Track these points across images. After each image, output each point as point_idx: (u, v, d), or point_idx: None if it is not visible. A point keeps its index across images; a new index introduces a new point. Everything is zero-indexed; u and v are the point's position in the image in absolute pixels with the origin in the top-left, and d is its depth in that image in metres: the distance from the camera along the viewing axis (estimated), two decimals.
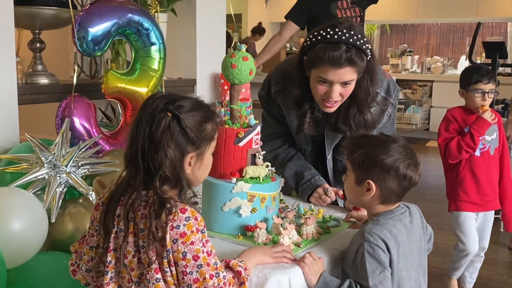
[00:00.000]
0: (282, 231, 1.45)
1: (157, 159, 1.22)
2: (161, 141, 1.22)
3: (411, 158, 1.44)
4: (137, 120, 1.26)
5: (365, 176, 1.44)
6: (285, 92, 1.94)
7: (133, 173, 1.25)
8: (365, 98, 1.81)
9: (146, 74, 2.48)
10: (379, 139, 1.49)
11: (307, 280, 1.36)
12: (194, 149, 1.27)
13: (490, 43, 5.30)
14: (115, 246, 1.27)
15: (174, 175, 1.25)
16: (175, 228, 1.19)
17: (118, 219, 1.27)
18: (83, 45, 2.23)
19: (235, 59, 1.54)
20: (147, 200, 1.24)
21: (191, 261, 1.19)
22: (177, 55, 3.24)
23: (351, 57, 1.67)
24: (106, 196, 1.32)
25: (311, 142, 2.03)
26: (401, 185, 1.43)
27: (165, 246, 1.19)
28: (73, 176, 1.97)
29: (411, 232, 1.47)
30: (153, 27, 2.45)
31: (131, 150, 1.25)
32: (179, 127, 1.24)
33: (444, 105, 7.84)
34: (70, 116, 2.21)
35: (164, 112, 1.25)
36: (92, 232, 1.35)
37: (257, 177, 1.55)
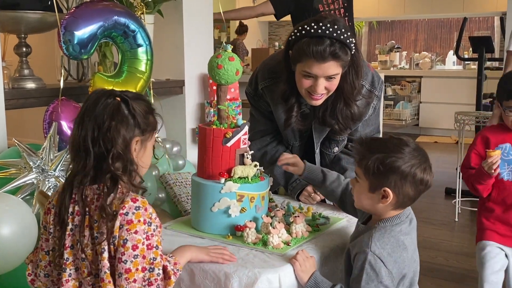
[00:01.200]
0: (271, 230, 1.46)
1: (109, 138, 1.26)
2: (111, 122, 1.26)
3: (426, 161, 1.41)
4: (83, 111, 1.30)
5: (381, 183, 1.39)
6: (272, 88, 1.95)
7: (82, 162, 1.28)
8: (351, 91, 1.82)
9: (134, 76, 2.47)
10: (391, 143, 1.43)
11: (298, 278, 1.36)
12: (140, 134, 1.32)
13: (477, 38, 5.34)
14: (72, 243, 1.29)
15: (125, 153, 1.28)
16: (124, 215, 1.22)
17: (71, 216, 1.29)
18: (69, 48, 2.22)
19: (221, 60, 1.54)
20: (99, 193, 1.26)
21: (129, 250, 1.20)
22: (165, 57, 3.23)
23: (335, 51, 1.68)
24: (55, 199, 1.34)
25: (298, 137, 2.04)
26: (418, 190, 1.40)
27: (113, 233, 1.22)
28: (61, 180, 1.96)
29: (413, 230, 1.48)
30: (140, 28, 2.44)
31: (78, 139, 1.28)
32: (127, 110, 1.29)
33: (433, 100, 7.92)
34: (58, 120, 2.20)
35: (112, 97, 1.30)
36: (46, 236, 1.36)
37: (246, 177, 1.55)
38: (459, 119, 4.16)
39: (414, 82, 8.20)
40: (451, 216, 4.22)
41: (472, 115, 4.23)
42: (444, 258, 3.42)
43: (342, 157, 2.05)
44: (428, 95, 8.00)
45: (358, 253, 1.37)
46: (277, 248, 1.44)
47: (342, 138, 2.03)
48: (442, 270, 3.22)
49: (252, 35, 9.13)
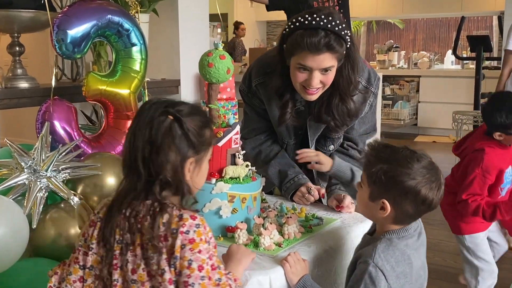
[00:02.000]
0: (262, 231, 1.44)
1: (158, 163, 1.19)
2: (162, 145, 1.19)
3: (435, 181, 1.33)
4: (134, 126, 1.22)
5: (381, 194, 1.34)
6: (266, 84, 1.92)
7: (133, 181, 1.21)
8: (347, 86, 1.80)
9: (128, 76, 2.45)
10: (401, 155, 1.35)
11: (288, 280, 1.34)
12: (194, 154, 1.23)
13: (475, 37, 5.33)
14: (121, 263, 1.20)
15: (175, 180, 1.21)
16: (184, 234, 1.14)
17: (122, 232, 1.20)
18: (62, 47, 2.20)
19: (212, 58, 1.52)
20: (153, 210, 1.19)
21: (195, 271, 1.13)
22: (160, 56, 3.21)
23: (329, 43, 1.65)
24: (103, 211, 1.25)
25: (293, 136, 2.01)
26: (418, 209, 1.34)
27: (174, 253, 1.14)
28: (53, 181, 1.94)
29: (422, 245, 1.42)
30: (134, 27, 2.42)
31: (130, 157, 1.21)
32: (181, 131, 1.21)
33: (431, 100, 7.91)
34: (50, 119, 2.18)
35: (165, 115, 1.21)
36: (85, 250, 1.27)
37: (237, 177, 1.53)
38: (456, 119, 4.15)
39: (413, 81, 8.18)
40: None
41: (470, 115, 4.22)
42: (441, 259, 3.41)
43: (337, 157, 2.03)
44: (427, 95, 7.99)
45: (360, 262, 1.33)
46: (269, 250, 1.42)
47: (338, 136, 2.01)
48: (439, 271, 3.21)
49: (250, 34, 9.12)
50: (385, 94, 7.97)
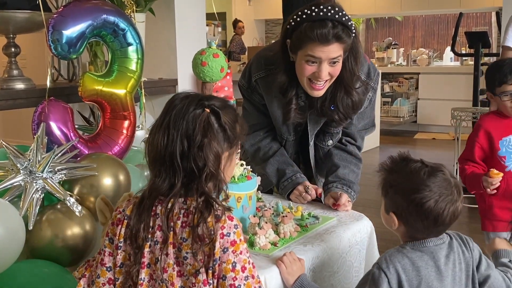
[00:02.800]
0: (257, 230, 1.43)
1: (202, 156, 1.15)
2: (204, 139, 1.15)
3: (442, 196, 1.27)
4: (165, 121, 1.18)
5: (389, 207, 1.31)
6: (268, 79, 1.91)
7: (169, 177, 1.17)
8: (350, 78, 1.80)
9: (124, 76, 2.44)
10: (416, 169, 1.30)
11: (284, 280, 1.34)
12: (228, 147, 1.22)
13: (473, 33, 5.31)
14: (149, 261, 1.18)
15: (218, 171, 1.18)
16: (225, 236, 1.12)
17: (151, 231, 1.18)
18: (57, 48, 2.20)
19: (205, 56, 1.51)
20: (186, 208, 1.16)
21: (239, 273, 1.12)
22: (158, 55, 3.21)
23: (338, 33, 1.66)
24: (129, 209, 1.22)
25: (293, 132, 2.01)
26: (424, 224, 1.28)
27: (213, 256, 1.12)
28: (49, 182, 1.93)
29: (446, 268, 1.30)
30: (129, 27, 2.42)
31: (164, 153, 1.17)
32: (218, 124, 1.19)
33: (430, 97, 7.90)
34: (46, 120, 2.17)
35: (201, 108, 1.18)
36: (110, 250, 1.24)
37: (232, 177, 1.52)
38: (455, 115, 4.14)
39: (412, 78, 8.18)
40: None
41: (469, 111, 4.21)
42: None
43: (335, 153, 2.02)
44: (426, 92, 7.98)
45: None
46: (264, 249, 1.41)
47: (336, 130, 2.00)
48: None
49: (249, 33, 9.11)
50: (384, 91, 7.96)
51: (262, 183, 2.07)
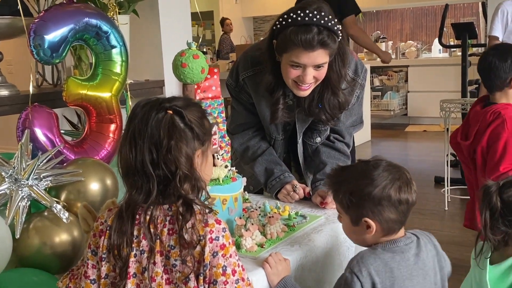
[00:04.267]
0: (244, 232, 1.42)
1: (172, 160, 1.13)
2: (170, 141, 1.13)
3: (399, 178, 1.31)
4: (130, 132, 1.17)
5: (359, 215, 1.31)
6: (255, 78, 1.90)
7: (144, 186, 1.15)
8: (337, 80, 1.79)
9: (109, 79, 2.42)
10: (358, 169, 1.35)
11: (269, 281, 1.32)
12: (200, 145, 1.20)
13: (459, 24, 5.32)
14: (135, 271, 1.16)
15: (191, 172, 1.16)
16: (214, 240, 1.11)
17: (136, 240, 1.16)
18: (39, 53, 2.18)
19: (185, 58, 1.50)
20: (172, 215, 1.14)
21: (230, 276, 1.11)
22: (143, 57, 3.19)
23: (323, 39, 1.64)
24: (111, 219, 1.20)
25: (281, 131, 2.00)
26: (399, 211, 1.30)
27: (203, 261, 1.10)
28: (35, 189, 1.91)
29: (417, 266, 1.33)
30: (112, 29, 2.40)
31: (133, 163, 1.15)
32: (183, 123, 1.17)
33: (420, 89, 7.91)
34: (30, 127, 2.15)
35: (163, 111, 1.16)
36: (94, 263, 1.22)
37: (217, 179, 1.51)
38: (444, 107, 4.14)
39: (401, 71, 8.18)
40: (440, 205, 4.20)
41: (458, 103, 4.21)
42: None
43: (323, 150, 2.01)
44: (416, 84, 7.99)
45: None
46: (250, 252, 1.40)
47: (324, 128, 1.99)
48: None
49: (236, 31, 9.09)
50: (374, 85, 7.96)
51: (252, 183, 2.06)
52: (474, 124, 2.27)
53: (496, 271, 1.45)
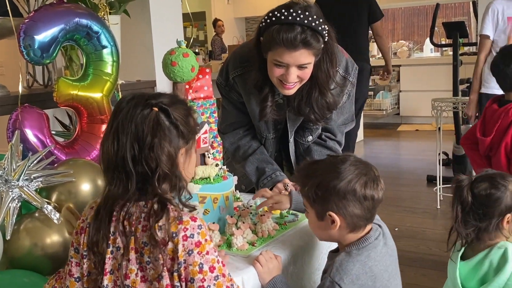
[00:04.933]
0: (235, 231, 1.41)
1: (153, 157, 1.12)
2: (154, 139, 1.12)
3: (367, 174, 1.31)
4: (115, 126, 1.15)
5: (324, 208, 1.30)
6: (244, 77, 1.88)
7: (123, 182, 1.14)
8: (326, 80, 1.77)
9: (100, 79, 2.41)
10: (326, 163, 1.35)
11: (260, 279, 1.32)
12: (184, 143, 1.18)
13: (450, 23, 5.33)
14: (112, 267, 1.15)
15: (172, 171, 1.15)
16: (189, 238, 1.09)
17: (113, 237, 1.15)
18: (30, 53, 2.17)
19: (175, 56, 1.49)
20: (148, 212, 1.13)
21: (208, 274, 1.10)
22: (135, 57, 3.18)
23: (306, 39, 1.62)
24: (91, 217, 1.19)
25: (272, 130, 1.99)
26: (364, 207, 1.29)
27: (177, 259, 1.09)
28: (26, 190, 1.90)
29: (388, 255, 1.35)
30: (103, 29, 2.39)
31: (115, 159, 1.13)
32: (168, 121, 1.15)
33: (412, 88, 7.93)
34: (21, 128, 2.14)
35: (149, 108, 1.14)
36: (77, 261, 1.22)
37: (208, 177, 1.50)
38: (436, 106, 4.15)
39: (393, 71, 8.19)
40: (433, 203, 4.21)
41: (449, 101, 4.22)
42: (427, 247, 3.41)
43: (314, 149, 2.01)
44: (408, 84, 8.01)
45: (322, 279, 1.31)
46: (242, 250, 1.40)
47: (316, 126, 1.99)
48: (425, 259, 3.21)
49: (229, 31, 9.08)
50: None
51: (244, 182, 2.06)
52: (494, 121, 2.34)
53: (467, 266, 1.47)
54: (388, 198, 4.51)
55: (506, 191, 1.42)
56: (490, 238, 1.46)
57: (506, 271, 1.39)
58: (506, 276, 1.39)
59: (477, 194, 1.43)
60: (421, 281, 2.91)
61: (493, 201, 1.42)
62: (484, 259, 1.45)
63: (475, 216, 1.43)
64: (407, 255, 3.26)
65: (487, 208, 1.42)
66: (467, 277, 1.46)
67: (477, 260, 1.46)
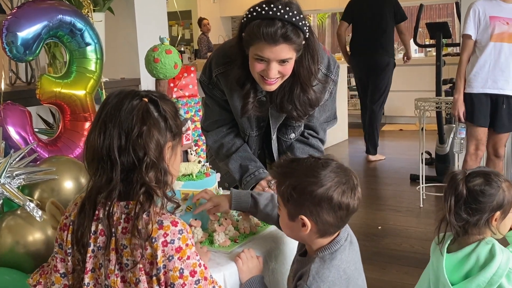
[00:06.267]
0: (217, 227, 1.42)
1: (141, 145, 1.10)
2: (142, 126, 1.10)
3: (346, 183, 1.27)
4: (101, 118, 1.13)
5: (297, 211, 1.27)
6: (227, 74, 1.88)
7: (106, 172, 1.11)
8: (307, 76, 1.78)
9: (83, 76, 2.40)
10: (307, 165, 1.30)
11: (240, 276, 1.32)
12: (171, 138, 1.17)
13: (433, 24, 5.38)
14: (93, 266, 1.14)
15: (159, 162, 1.12)
16: (169, 244, 1.08)
17: (94, 236, 1.13)
18: (12, 50, 2.15)
19: (157, 53, 1.49)
20: (127, 213, 1.11)
21: (188, 278, 1.09)
22: (119, 55, 3.17)
23: (286, 33, 1.62)
24: (74, 214, 1.17)
25: (255, 127, 1.99)
26: (337, 216, 1.27)
27: (156, 264, 1.07)
28: (8, 187, 1.89)
29: (355, 253, 1.35)
30: (87, 27, 2.38)
31: (101, 149, 1.11)
32: (157, 112, 1.14)
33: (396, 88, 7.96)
34: (3, 125, 2.12)
35: (138, 98, 1.13)
36: (62, 256, 1.20)
37: (190, 174, 1.51)
38: (419, 106, 4.19)
39: None
40: (416, 202, 4.25)
41: (432, 101, 4.26)
42: (409, 245, 3.44)
43: (297, 147, 2.02)
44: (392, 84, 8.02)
45: (296, 287, 1.29)
46: (224, 246, 1.40)
47: (298, 124, 2.00)
48: (408, 257, 3.24)
49: (215, 30, 9.08)
50: (351, 85, 8.01)
51: (227, 180, 2.06)
52: None
53: (453, 259, 1.49)
54: (372, 196, 4.55)
55: (499, 188, 1.44)
56: (478, 233, 1.48)
57: (492, 266, 1.41)
58: (492, 272, 1.41)
59: (471, 189, 1.45)
60: (403, 278, 2.93)
61: (487, 197, 1.44)
62: (471, 253, 1.46)
63: (467, 210, 1.44)
64: (390, 253, 3.29)
65: (480, 203, 1.44)
66: (452, 270, 1.47)
67: (464, 254, 1.47)
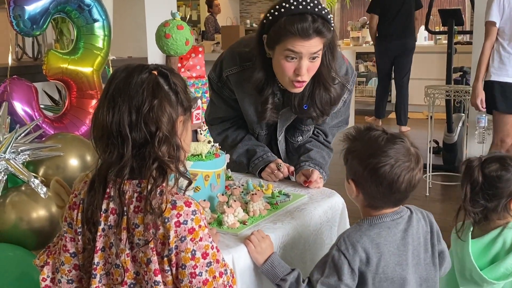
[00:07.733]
0: (226, 209, 1.39)
1: (153, 119, 1.06)
2: (154, 100, 1.06)
3: (400, 162, 1.26)
4: (109, 93, 1.09)
5: (349, 174, 1.31)
6: (241, 76, 1.85)
7: (117, 148, 1.07)
8: (328, 74, 1.77)
9: (90, 53, 2.38)
10: (372, 136, 1.30)
11: (253, 259, 1.30)
12: (183, 112, 1.13)
13: (446, 11, 5.30)
14: (103, 245, 1.12)
15: (172, 135, 1.09)
16: (182, 224, 1.05)
17: (104, 214, 1.10)
18: (19, 24, 2.13)
19: (168, 28, 1.45)
20: (140, 192, 1.08)
21: (200, 260, 1.06)
22: (126, 33, 3.13)
23: (318, 27, 1.62)
24: (84, 192, 1.14)
25: (265, 126, 1.97)
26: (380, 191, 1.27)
27: (168, 244, 1.05)
28: (12, 163, 1.87)
29: (404, 242, 1.32)
30: (95, 2, 2.35)
31: (109, 125, 1.07)
32: (168, 86, 1.10)
33: None
34: (9, 100, 2.10)
35: (147, 72, 1.09)
36: (72, 236, 1.16)
37: (199, 154, 1.47)
38: (429, 93, 4.13)
39: None
40: (422, 191, 4.22)
41: (442, 89, 4.21)
42: None
43: (308, 140, 2.00)
44: None
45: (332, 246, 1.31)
46: (232, 228, 1.38)
47: (307, 128, 1.98)
48: None
49: (223, 12, 9.00)
50: (359, 71, 7.95)
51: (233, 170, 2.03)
52: None
53: (478, 245, 1.50)
54: None
55: None
56: (498, 218, 1.49)
57: None
58: None
59: (487, 175, 1.46)
60: None
61: (504, 182, 1.45)
62: (497, 238, 1.48)
63: (485, 196, 1.45)
64: None
65: (497, 188, 1.45)
66: (480, 255, 1.48)
67: (489, 238, 1.49)
